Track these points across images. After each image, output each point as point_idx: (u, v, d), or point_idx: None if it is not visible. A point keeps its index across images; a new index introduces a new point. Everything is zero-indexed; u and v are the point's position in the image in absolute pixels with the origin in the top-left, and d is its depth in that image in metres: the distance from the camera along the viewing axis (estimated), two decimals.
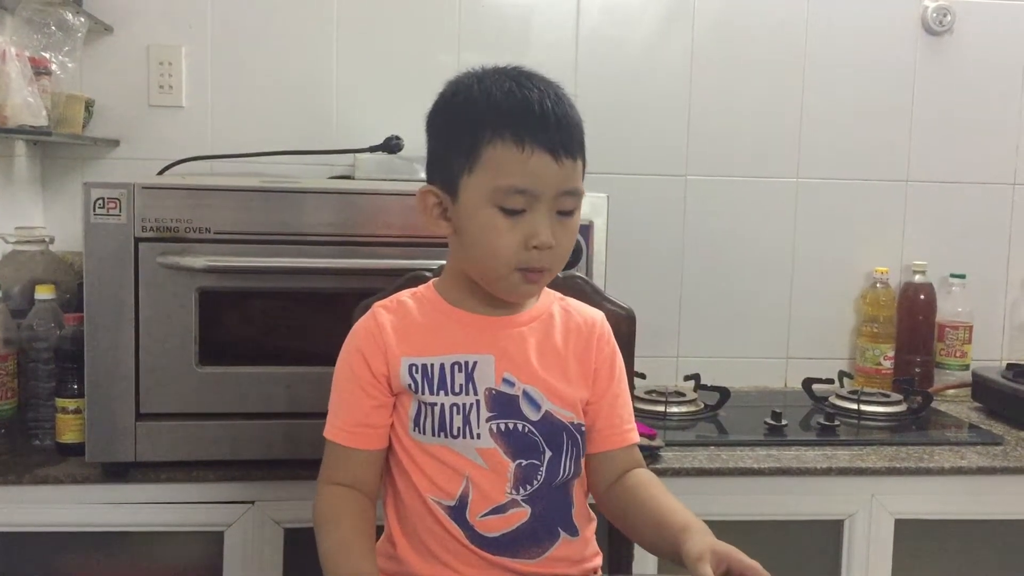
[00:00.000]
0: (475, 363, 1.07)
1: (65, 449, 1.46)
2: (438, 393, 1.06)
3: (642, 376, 1.83)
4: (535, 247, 1.01)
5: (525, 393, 1.08)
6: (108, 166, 1.93)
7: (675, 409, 1.82)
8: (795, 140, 2.09)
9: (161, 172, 1.81)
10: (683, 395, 1.88)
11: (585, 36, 2.03)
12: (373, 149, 1.85)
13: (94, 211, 1.35)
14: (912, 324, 2.08)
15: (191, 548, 1.49)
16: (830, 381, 2.00)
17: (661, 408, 1.80)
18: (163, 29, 1.92)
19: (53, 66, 1.69)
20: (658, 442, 1.57)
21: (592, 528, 1.15)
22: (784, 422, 1.73)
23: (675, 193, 2.07)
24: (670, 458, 1.56)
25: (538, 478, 1.07)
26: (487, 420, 1.06)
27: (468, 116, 1.03)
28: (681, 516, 1.03)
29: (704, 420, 1.81)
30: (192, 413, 1.42)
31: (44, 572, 1.48)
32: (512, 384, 1.07)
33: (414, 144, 1.80)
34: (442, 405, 1.06)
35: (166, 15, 1.91)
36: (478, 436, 1.06)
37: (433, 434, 1.06)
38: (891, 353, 2.06)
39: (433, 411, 1.06)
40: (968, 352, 2.07)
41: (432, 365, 1.07)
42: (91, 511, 1.43)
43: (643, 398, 1.82)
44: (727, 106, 2.06)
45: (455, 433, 1.06)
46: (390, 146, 1.84)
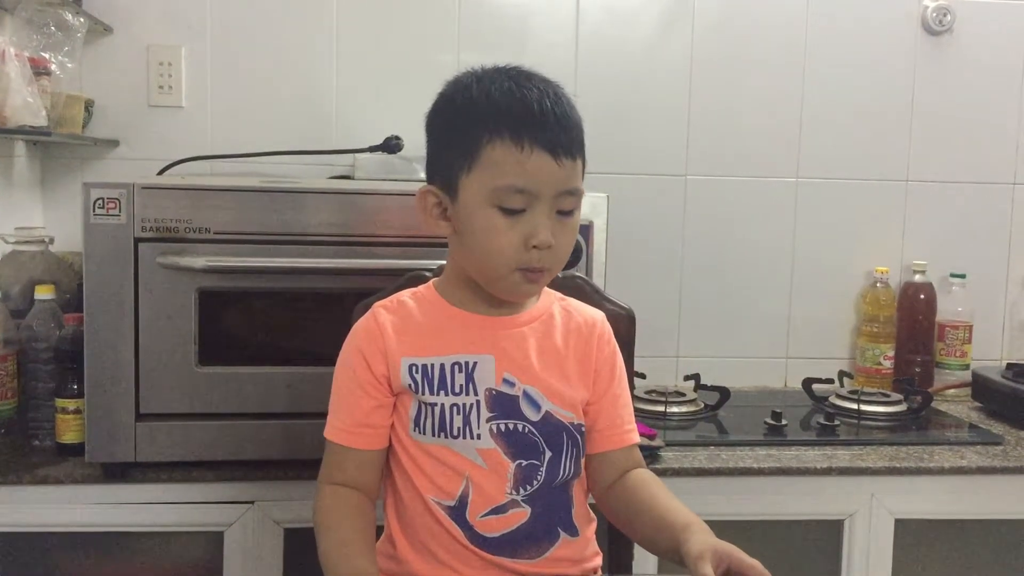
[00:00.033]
0: (475, 363, 1.07)
1: (65, 449, 1.46)
2: (438, 393, 1.06)
3: (642, 376, 1.83)
4: (535, 247, 1.00)
5: (525, 393, 1.07)
6: (108, 166, 1.93)
7: (675, 409, 1.82)
8: (795, 140, 2.09)
9: (161, 172, 1.81)
10: (683, 395, 1.88)
11: (585, 36, 2.03)
12: (373, 149, 1.85)
13: (94, 211, 1.35)
14: (912, 324, 2.08)
15: (191, 548, 1.49)
16: (830, 381, 2.00)
17: (661, 408, 1.80)
18: (163, 29, 1.91)
19: (53, 66, 1.69)
20: (658, 442, 1.57)
21: (592, 528, 1.15)
22: (784, 422, 1.73)
23: (675, 193, 2.07)
24: (670, 458, 1.56)
25: (538, 478, 1.07)
26: (487, 420, 1.06)
27: (467, 116, 1.02)
28: (681, 515, 1.03)
29: (704, 420, 1.81)
30: (192, 413, 1.42)
31: (44, 572, 1.47)
32: (512, 384, 1.07)
33: (414, 144, 1.80)
34: (442, 405, 1.06)
35: (166, 15, 1.91)
36: (478, 436, 1.06)
37: (433, 434, 1.06)
38: (891, 353, 2.06)
39: (433, 411, 1.06)
40: (968, 352, 2.07)
41: (432, 365, 1.07)
42: (91, 511, 1.43)
43: (643, 398, 1.82)
44: (727, 106, 2.06)
45: (455, 433, 1.06)
46: (390, 146, 1.84)
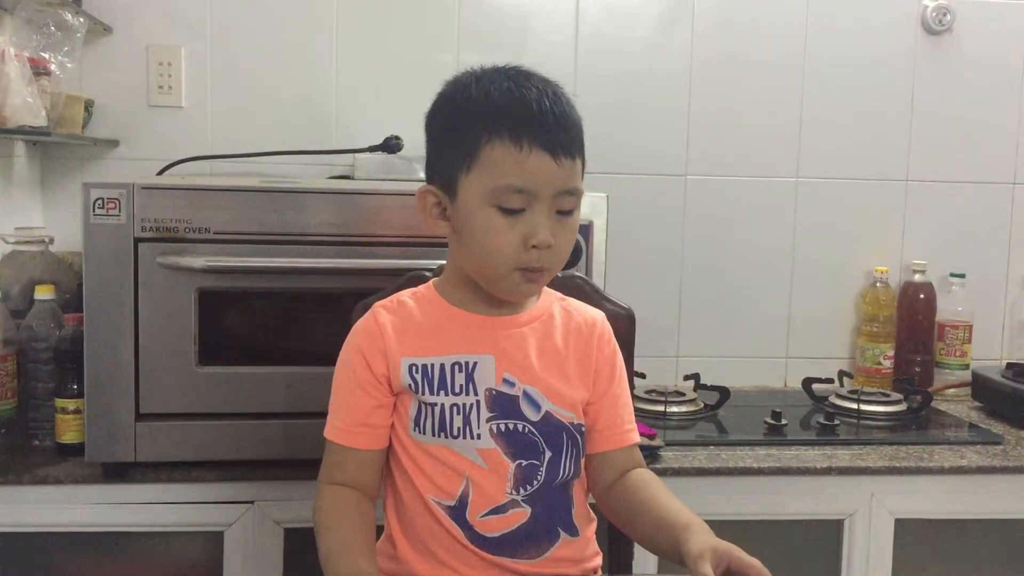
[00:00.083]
0: (475, 363, 1.07)
1: (65, 449, 1.46)
2: (438, 393, 1.06)
3: (642, 376, 1.83)
4: (534, 246, 1.00)
5: (525, 393, 1.07)
6: (107, 166, 1.93)
7: (675, 409, 1.82)
8: (795, 140, 2.09)
9: (160, 172, 1.81)
10: (683, 395, 1.88)
11: (585, 36, 2.03)
12: (373, 149, 1.85)
13: (93, 211, 1.35)
14: (912, 323, 2.08)
15: (191, 548, 1.49)
16: (830, 381, 2.00)
17: (661, 408, 1.80)
18: (162, 29, 1.91)
19: (52, 66, 1.69)
20: (658, 442, 1.57)
21: (592, 528, 1.14)
22: (784, 422, 1.73)
23: (675, 193, 2.07)
24: (670, 458, 1.56)
25: (538, 478, 1.07)
26: (487, 420, 1.06)
27: (466, 116, 1.02)
28: (682, 515, 1.03)
29: (704, 420, 1.81)
30: (192, 413, 1.42)
31: (44, 572, 1.48)
32: (512, 384, 1.07)
33: (413, 144, 1.80)
34: (442, 405, 1.06)
35: (166, 15, 1.91)
36: (478, 436, 1.06)
37: (433, 434, 1.06)
38: (891, 352, 2.06)
39: (433, 411, 1.06)
40: (968, 351, 2.07)
41: (432, 365, 1.07)
42: (91, 511, 1.43)
43: (643, 398, 1.82)
44: (727, 106, 2.06)
45: (455, 433, 1.06)
46: (389, 146, 1.84)
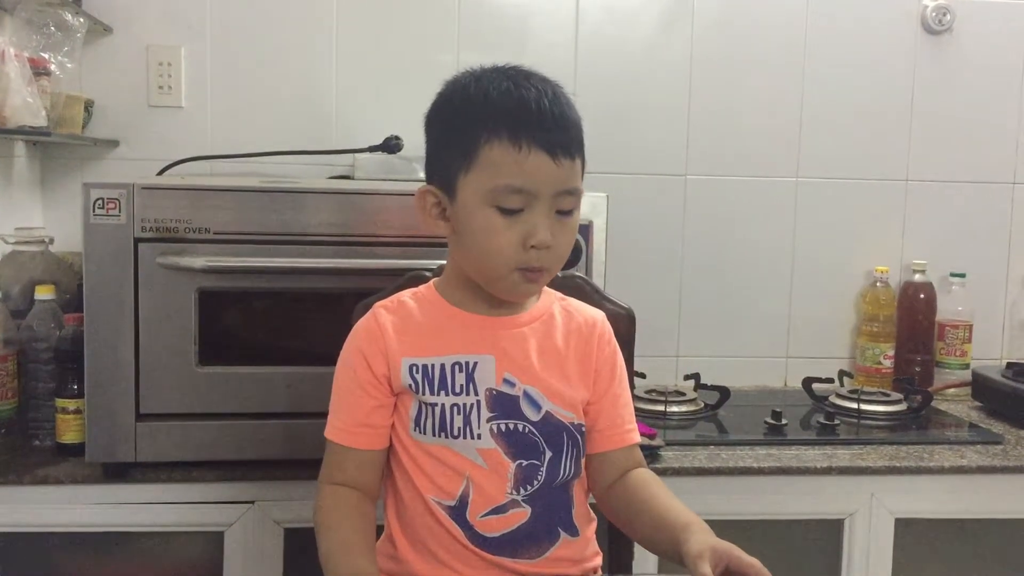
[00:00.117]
0: (475, 363, 1.07)
1: (65, 449, 1.46)
2: (438, 393, 1.06)
3: (642, 376, 1.83)
4: (533, 247, 1.00)
5: (525, 393, 1.07)
6: (107, 166, 1.93)
7: (675, 408, 1.82)
8: (795, 140, 2.09)
9: (160, 172, 1.81)
10: (683, 394, 1.88)
11: (585, 36, 2.03)
12: (373, 149, 1.85)
13: (93, 211, 1.35)
14: (912, 323, 2.08)
15: (191, 548, 1.49)
16: (830, 380, 2.00)
17: (661, 407, 1.80)
18: (162, 29, 1.91)
19: (52, 66, 1.69)
20: (658, 441, 1.57)
21: (592, 528, 1.14)
22: (784, 421, 1.73)
23: (675, 193, 2.07)
24: (670, 457, 1.56)
25: (538, 478, 1.07)
26: (487, 420, 1.06)
27: (465, 116, 1.02)
28: (681, 515, 1.03)
29: (704, 419, 1.81)
30: (192, 413, 1.42)
31: (44, 572, 1.48)
32: (513, 384, 1.07)
33: (413, 144, 1.80)
34: (443, 405, 1.06)
35: (165, 15, 1.91)
36: (479, 436, 1.06)
37: (434, 434, 1.06)
38: (891, 352, 2.06)
39: (434, 411, 1.06)
40: (968, 351, 2.07)
41: (433, 365, 1.07)
42: (91, 511, 1.43)
43: (643, 398, 1.82)
44: (727, 106, 2.06)
45: (455, 433, 1.06)
46: (389, 146, 1.84)
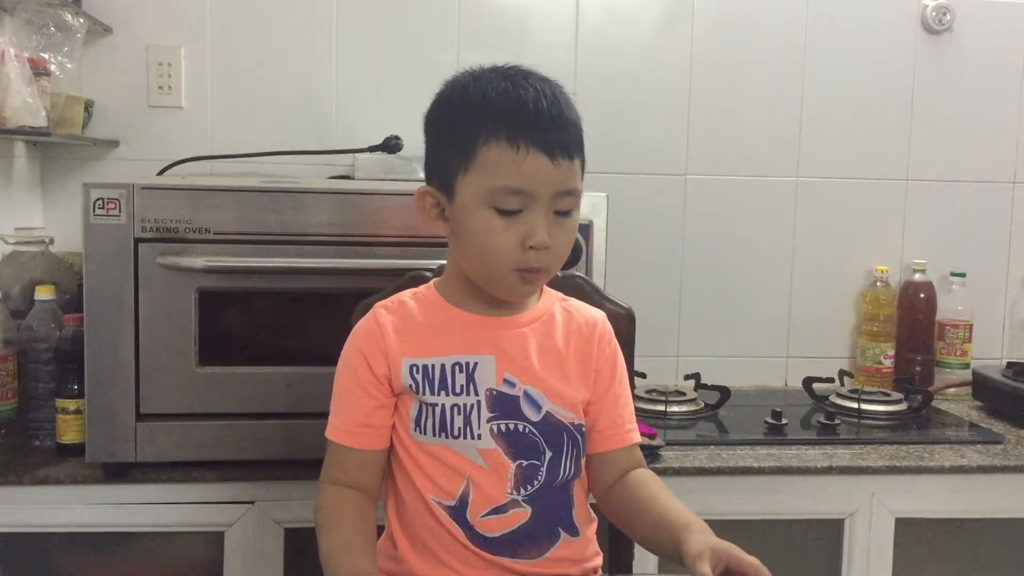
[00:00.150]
0: (476, 364, 1.07)
1: (65, 449, 1.46)
2: (439, 394, 1.06)
3: (642, 376, 1.83)
4: (532, 247, 1.00)
5: (526, 394, 1.07)
6: (108, 167, 1.93)
7: (675, 408, 1.82)
8: (795, 140, 2.09)
9: (160, 172, 1.81)
10: (683, 394, 1.88)
11: (585, 36, 2.02)
12: (372, 149, 1.85)
13: (94, 211, 1.35)
14: (912, 323, 2.08)
15: (192, 548, 1.49)
16: (830, 380, 2.00)
17: (661, 407, 1.80)
18: (162, 30, 1.91)
19: (52, 67, 1.69)
20: (658, 441, 1.57)
21: (593, 528, 1.14)
22: (784, 421, 1.73)
23: (675, 193, 2.07)
24: (670, 457, 1.56)
25: (538, 478, 1.07)
26: (488, 421, 1.06)
27: (464, 116, 1.02)
28: (681, 515, 1.03)
29: (704, 419, 1.81)
30: (192, 413, 1.42)
31: (45, 572, 1.47)
32: (513, 385, 1.07)
33: (413, 144, 1.80)
34: (443, 405, 1.06)
35: (165, 16, 1.91)
36: (479, 436, 1.06)
37: (434, 434, 1.06)
38: (891, 352, 2.06)
39: (434, 411, 1.06)
40: (968, 351, 2.07)
41: (433, 366, 1.07)
42: (91, 511, 1.43)
43: (643, 397, 1.82)
44: (727, 106, 2.06)
45: (456, 433, 1.06)
46: (389, 146, 1.84)
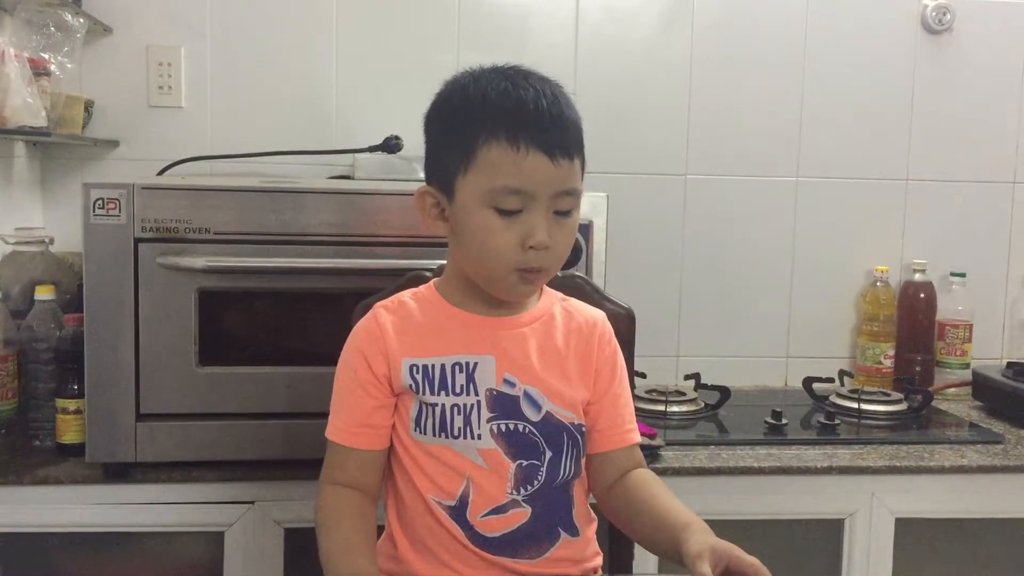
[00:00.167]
0: (476, 364, 1.07)
1: (65, 449, 1.46)
2: (439, 393, 1.06)
3: (642, 375, 1.83)
4: (531, 247, 1.00)
5: (526, 394, 1.07)
6: (108, 167, 1.93)
7: (675, 408, 1.82)
8: (795, 140, 2.09)
9: (161, 172, 1.81)
10: (683, 394, 1.88)
11: (585, 36, 2.02)
12: (372, 149, 1.84)
13: (94, 212, 1.35)
14: (912, 323, 2.07)
15: (192, 548, 1.49)
16: (830, 380, 2.00)
17: (661, 407, 1.80)
18: (162, 30, 1.91)
19: (52, 67, 1.69)
20: (658, 441, 1.57)
21: (593, 528, 1.14)
22: (784, 421, 1.73)
23: (675, 193, 2.07)
24: (670, 457, 1.56)
25: (539, 478, 1.07)
26: (488, 421, 1.06)
27: (464, 116, 1.02)
28: (681, 515, 1.03)
29: (704, 419, 1.81)
30: (192, 413, 1.42)
31: (45, 572, 1.47)
32: (513, 385, 1.07)
33: (413, 144, 1.80)
34: (443, 405, 1.06)
35: (165, 16, 1.91)
36: (479, 436, 1.06)
37: (434, 434, 1.06)
38: (891, 352, 2.06)
39: (434, 411, 1.06)
40: (968, 351, 2.07)
41: (433, 366, 1.07)
42: (91, 511, 1.43)
43: (643, 397, 1.82)
44: (727, 106, 2.06)
45: (456, 433, 1.06)
46: (389, 146, 1.84)
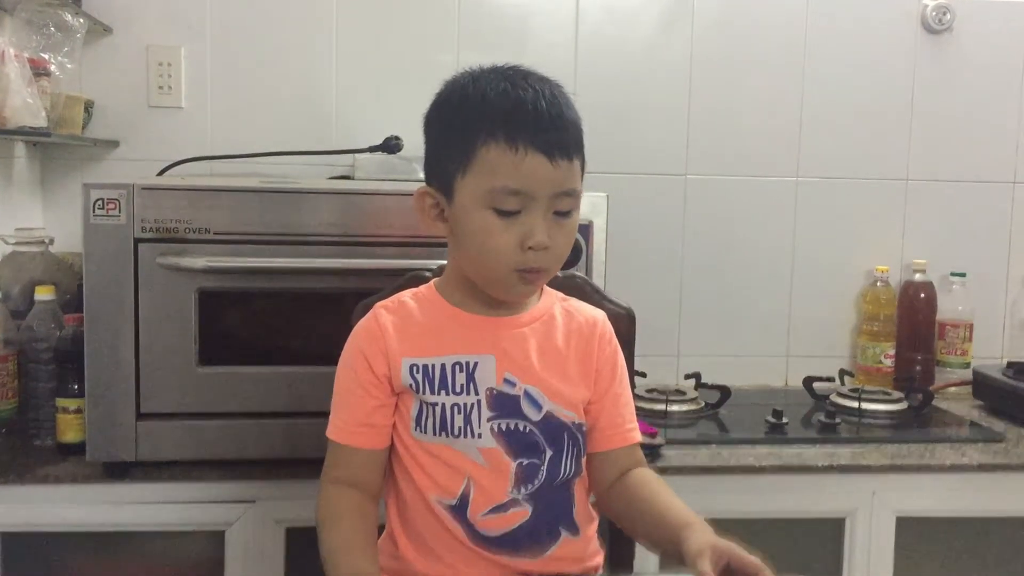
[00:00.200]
0: (476, 363, 1.07)
1: (66, 449, 1.46)
2: (439, 393, 1.06)
3: (643, 375, 1.83)
4: (531, 248, 1.00)
5: (526, 393, 1.07)
6: (108, 167, 1.93)
7: (676, 408, 1.82)
8: (795, 139, 2.09)
9: (160, 173, 1.81)
10: (684, 394, 1.88)
11: (585, 36, 2.02)
12: (372, 149, 1.84)
13: (93, 212, 1.35)
14: (913, 322, 2.07)
15: (192, 548, 1.49)
16: (831, 379, 2.00)
17: (662, 407, 1.80)
18: (162, 30, 1.91)
19: (52, 67, 1.69)
20: (659, 440, 1.57)
21: (594, 527, 1.15)
22: (785, 420, 1.73)
23: (675, 193, 2.07)
24: (671, 456, 1.56)
25: (539, 477, 1.07)
26: (488, 420, 1.06)
27: (463, 117, 1.02)
28: (682, 514, 1.03)
29: (705, 418, 1.81)
30: (192, 413, 1.42)
31: (45, 572, 1.47)
32: (513, 384, 1.07)
33: (413, 144, 1.79)
34: (443, 405, 1.06)
35: (165, 16, 1.91)
36: (479, 436, 1.06)
37: (434, 433, 1.06)
38: (892, 352, 2.06)
39: (434, 411, 1.06)
40: (969, 350, 2.07)
41: (433, 366, 1.07)
42: (92, 511, 1.43)
43: (644, 396, 1.82)
44: (727, 106, 2.06)
45: (456, 433, 1.06)
46: (389, 146, 1.84)
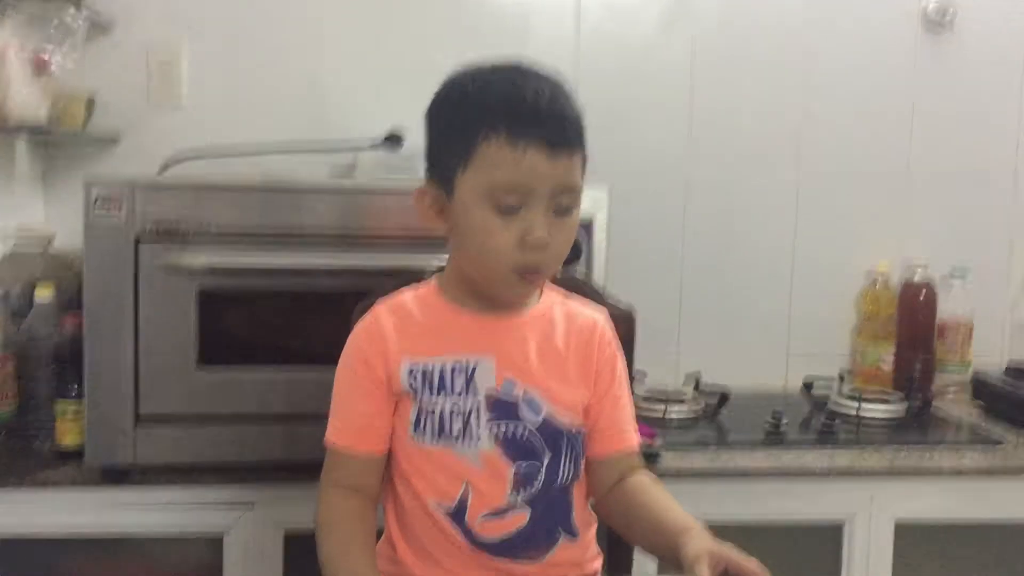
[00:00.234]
0: (475, 365, 1.07)
1: (64, 452, 1.45)
2: (438, 395, 1.06)
3: (643, 374, 1.82)
4: (530, 244, 0.99)
5: (526, 396, 1.07)
6: (109, 164, 1.92)
7: (675, 411, 1.81)
8: (795, 139, 2.08)
9: (161, 170, 1.80)
10: (683, 396, 1.87)
11: (585, 34, 2.02)
12: (374, 147, 1.84)
13: (94, 209, 1.35)
14: (912, 323, 2.07)
15: (191, 552, 1.49)
16: (830, 380, 1.99)
17: (661, 410, 1.79)
18: (163, 27, 1.91)
19: (53, 64, 1.68)
20: (658, 444, 1.57)
21: (592, 530, 1.14)
22: (784, 423, 1.72)
23: (675, 193, 2.07)
24: (670, 460, 1.56)
25: (538, 481, 1.07)
26: (487, 423, 1.06)
27: (463, 112, 1.02)
28: (680, 519, 1.03)
29: (704, 422, 1.81)
30: (192, 415, 1.42)
31: None
32: (512, 386, 1.07)
33: (414, 142, 1.79)
34: (442, 408, 1.06)
35: (166, 13, 1.91)
36: (478, 439, 1.05)
37: (433, 437, 1.06)
38: (891, 352, 2.05)
39: (433, 414, 1.06)
40: (969, 352, 2.06)
41: (432, 367, 1.07)
42: (90, 515, 1.43)
43: (643, 399, 1.81)
44: (728, 105, 2.06)
45: (455, 436, 1.05)
46: (390, 144, 1.83)
